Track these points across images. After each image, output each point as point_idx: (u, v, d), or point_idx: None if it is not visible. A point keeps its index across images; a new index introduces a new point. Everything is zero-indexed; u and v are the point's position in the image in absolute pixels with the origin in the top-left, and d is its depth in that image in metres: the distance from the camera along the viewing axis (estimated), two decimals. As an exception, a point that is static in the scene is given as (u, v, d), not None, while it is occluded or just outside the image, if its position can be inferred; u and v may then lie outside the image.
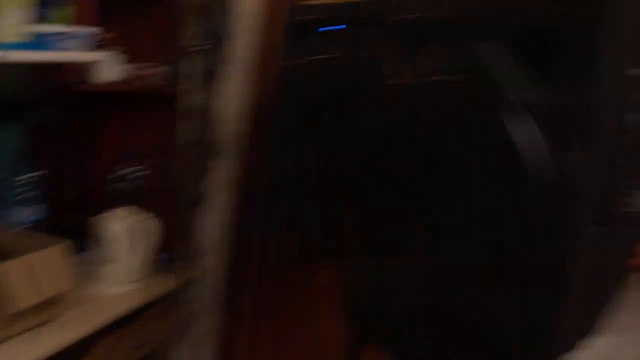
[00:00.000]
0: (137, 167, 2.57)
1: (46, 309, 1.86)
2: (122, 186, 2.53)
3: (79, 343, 1.91)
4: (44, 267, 1.81)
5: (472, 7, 0.98)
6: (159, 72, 2.57)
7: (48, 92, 2.50)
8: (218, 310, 2.82)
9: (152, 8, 2.56)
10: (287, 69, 1.66)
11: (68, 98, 2.57)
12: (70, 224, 2.41)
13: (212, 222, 2.80)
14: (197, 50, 2.56)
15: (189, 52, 2.57)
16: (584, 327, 1.10)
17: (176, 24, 2.51)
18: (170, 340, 2.58)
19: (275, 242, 2.02)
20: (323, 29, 1.47)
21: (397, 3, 1.14)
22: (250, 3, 2.67)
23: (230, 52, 2.69)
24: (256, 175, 2.39)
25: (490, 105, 0.92)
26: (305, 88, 1.58)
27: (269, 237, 1.94)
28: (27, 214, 2.22)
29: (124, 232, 2.32)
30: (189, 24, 2.54)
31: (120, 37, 2.50)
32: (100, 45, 2.29)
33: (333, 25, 1.45)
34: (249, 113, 2.65)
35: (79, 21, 2.14)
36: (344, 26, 1.41)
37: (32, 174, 2.24)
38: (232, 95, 2.72)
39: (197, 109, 2.64)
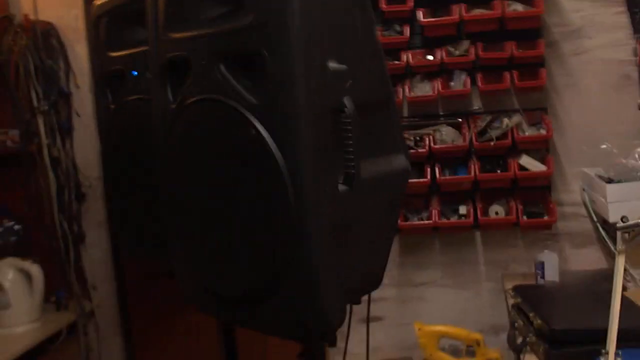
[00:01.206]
0: (14, 221, 2.81)
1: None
2: (4, 239, 2.76)
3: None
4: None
5: (200, 45, 1.28)
6: (11, 135, 2.84)
7: None
8: (117, 337, 3.04)
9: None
10: (107, 114, 1.94)
11: None
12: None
13: (96, 257, 3.03)
14: (43, 110, 2.80)
15: (37, 111, 2.80)
16: (359, 281, 1.35)
17: (18, 89, 2.76)
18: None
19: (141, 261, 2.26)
20: (133, 73, 1.77)
21: (154, 48, 1.45)
22: (83, 61, 2.93)
23: (73, 107, 2.94)
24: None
25: (235, 110, 1.23)
26: (121, 127, 1.88)
27: (134, 258, 2.21)
28: None
29: (14, 279, 2.59)
30: (31, 87, 2.79)
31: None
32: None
33: (132, 72, 1.77)
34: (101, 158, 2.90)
35: None
36: (135, 73, 1.75)
37: None
38: (85, 145, 2.97)
39: (58, 161, 2.88)
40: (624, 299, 1.80)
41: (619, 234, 1.76)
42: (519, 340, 2.44)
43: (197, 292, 1.48)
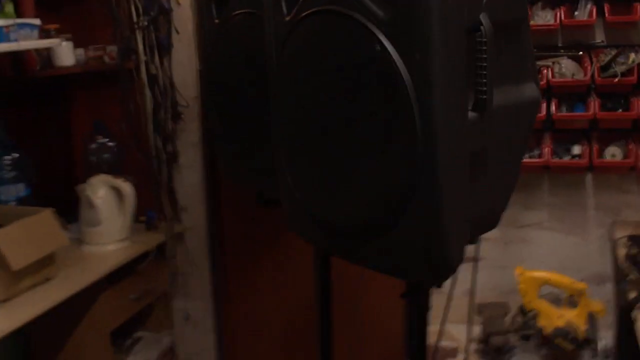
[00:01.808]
0: (108, 138, 2.79)
1: (45, 267, 2.09)
2: (98, 156, 2.75)
3: (80, 297, 2.14)
4: (37, 229, 2.04)
5: None
6: (109, 51, 2.78)
7: (11, 81, 2.69)
8: (206, 262, 3.02)
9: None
10: (211, 29, 1.84)
11: (32, 84, 2.77)
12: (56, 195, 2.65)
13: (189, 179, 3.00)
14: (143, 26, 2.74)
15: (135, 28, 2.74)
16: (480, 219, 1.23)
17: (118, 3, 2.69)
18: (168, 291, 2.81)
19: (242, 185, 2.21)
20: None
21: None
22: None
23: (173, 23, 2.86)
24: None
25: (359, 24, 1.11)
26: (225, 43, 1.76)
27: (234, 181, 2.14)
28: (13, 191, 2.44)
29: (106, 196, 2.56)
30: (130, 2, 2.72)
31: (65, 26, 2.70)
32: (48, 35, 2.50)
33: None
34: (200, 77, 2.83)
35: (22, 14, 2.34)
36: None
37: (12, 155, 2.44)
38: (183, 63, 2.90)
39: (155, 79, 2.82)
40: None
41: None
42: (631, 295, 2.26)
43: (305, 221, 1.38)
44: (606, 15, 2.72)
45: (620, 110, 2.77)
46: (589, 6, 2.73)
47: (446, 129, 1.05)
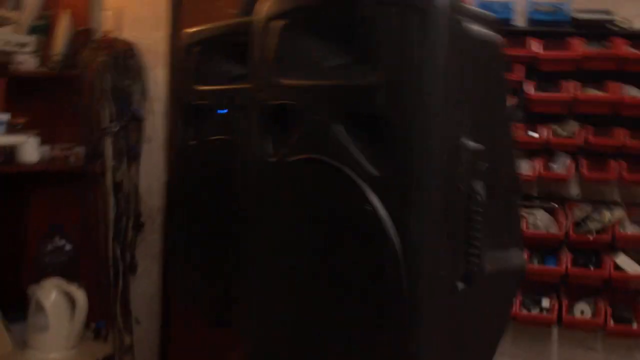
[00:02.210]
0: (64, 240, 2.67)
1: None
2: (52, 258, 2.62)
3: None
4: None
5: (316, 97, 1.11)
6: (76, 152, 2.69)
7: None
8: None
9: (63, 91, 2.68)
10: (184, 149, 1.77)
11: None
12: (3, 292, 2.49)
13: (144, 290, 2.88)
14: (114, 131, 2.67)
15: (107, 132, 2.68)
16: None
17: (90, 106, 2.63)
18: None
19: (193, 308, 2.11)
20: (219, 111, 1.61)
21: (258, 91, 1.27)
22: (160, 87, 2.81)
23: (145, 132, 2.81)
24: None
25: (349, 179, 1.04)
26: (197, 165, 1.70)
27: (185, 303, 2.03)
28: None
29: (57, 301, 2.44)
30: (104, 105, 2.66)
31: (33, 121, 2.62)
32: (14, 130, 2.41)
33: (219, 109, 1.59)
34: (164, 188, 2.76)
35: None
36: (226, 110, 1.56)
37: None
38: (150, 172, 2.83)
39: (120, 186, 2.75)
40: None
41: None
42: None
43: None
44: (584, 170, 2.71)
45: (592, 267, 2.72)
46: (567, 160, 2.72)
47: (432, 300, 0.99)
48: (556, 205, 2.77)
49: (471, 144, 1.03)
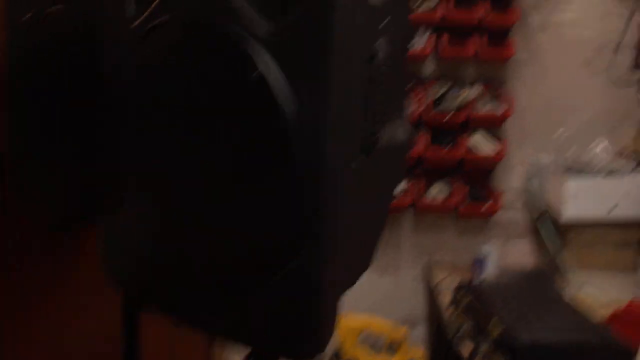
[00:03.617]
0: None
1: None
2: None
3: None
4: None
5: None
6: None
7: None
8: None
9: None
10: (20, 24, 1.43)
11: None
12: None
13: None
14: None
15: None
16: (355, 265, 1.04)
17: None
18: None
19: (30, 212, 1.78)
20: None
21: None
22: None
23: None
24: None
25: (235, 40, 0.81)
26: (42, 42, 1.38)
27: (20, 208, 1.69)
28: None
29: None
30: None
31: None
32: None
33: None
34: None
35: None
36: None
37: None
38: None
39: None
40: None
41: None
42: (465, 347, 2.11)
43: (138, 275, 1.04)
44: (442, 46, 2.60)
45: (448, 147, 2.65)
46: (426, 35, 2.59)
47: (335, 175, 0.83)
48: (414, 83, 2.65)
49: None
